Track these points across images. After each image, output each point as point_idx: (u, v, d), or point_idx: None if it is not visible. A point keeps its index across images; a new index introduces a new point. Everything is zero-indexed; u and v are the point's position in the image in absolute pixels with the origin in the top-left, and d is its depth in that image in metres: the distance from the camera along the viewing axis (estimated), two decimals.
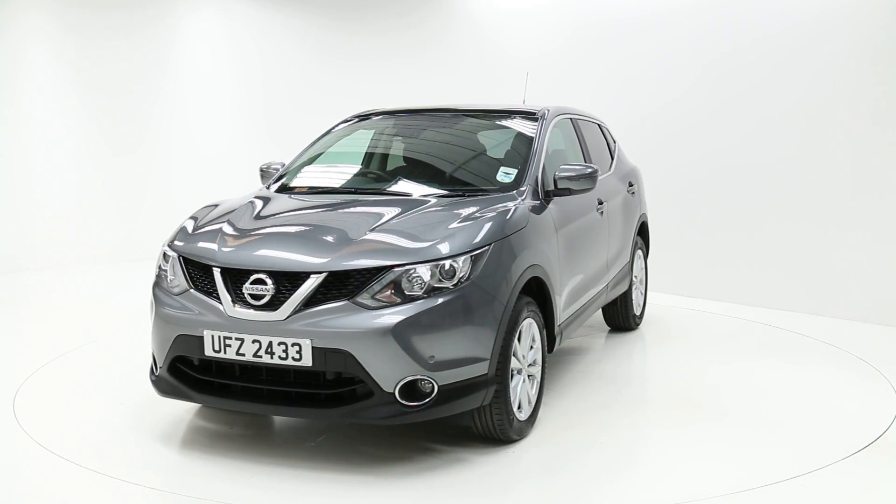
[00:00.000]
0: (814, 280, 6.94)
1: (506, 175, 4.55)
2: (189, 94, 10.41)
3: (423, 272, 3.56)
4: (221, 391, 3.76)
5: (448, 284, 3.58)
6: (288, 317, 3.53)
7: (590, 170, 4.54)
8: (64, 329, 6.36)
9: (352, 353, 3.45)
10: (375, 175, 5.03)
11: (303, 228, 4.03)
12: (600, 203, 5.28)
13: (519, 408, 3.98)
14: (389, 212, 4.06)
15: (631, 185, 6.13)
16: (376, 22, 10.14)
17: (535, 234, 4.17)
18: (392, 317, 3.46)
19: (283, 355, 3.53)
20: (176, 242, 4.11)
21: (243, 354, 3.60)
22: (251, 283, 3.62)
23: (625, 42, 8.05)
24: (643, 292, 6.50)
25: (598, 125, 6.13)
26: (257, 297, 3.60)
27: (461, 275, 3.61)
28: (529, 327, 4.05)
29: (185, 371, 3.84)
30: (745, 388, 4.97)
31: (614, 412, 4.54)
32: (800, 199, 7.01)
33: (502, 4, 9.15)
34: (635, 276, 6.19)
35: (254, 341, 3.57)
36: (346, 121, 5.50)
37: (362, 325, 3.45)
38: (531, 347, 4.12)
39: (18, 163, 9.21)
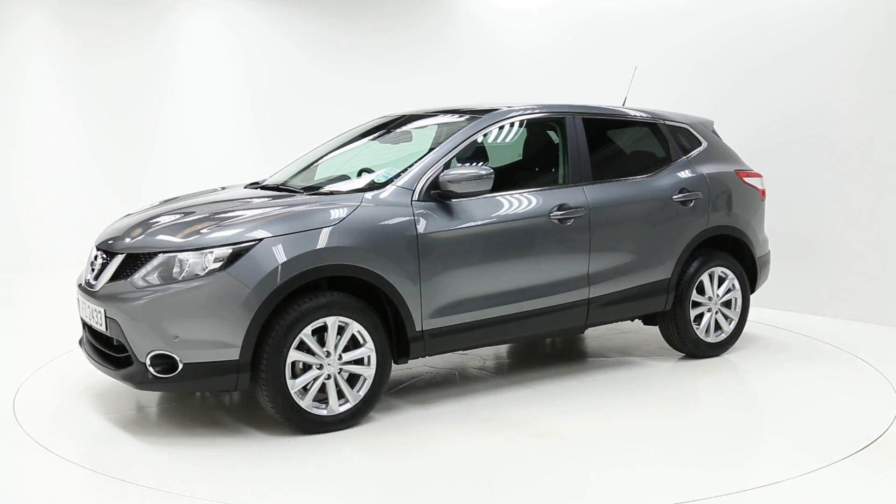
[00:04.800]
0: (814, 280, 6.94)
1: (385, 175, 4.59)
2: (189, 94, 10.40)
3: (184, 259, 3.96)
4: (94, 351, 4.38)
5: (202, 273, 3.91)
6: (100, 288, 4.18)
7: (476, 173, 4.36)
8: (64, 329, 6.35)
9: (119, 324, 4.01)
10: (306, 175, 5.21)
11: (156, 217, 4.45)
12: (562, 209, 4.78)
13: (323, 402, 4.11)
14: (233, 206, 4.42)
15: (683, 191, 5.37)
16: (377, 21, 10.12)
17: (357, 233, 4.15)
18: (142, 297, 3.94)
19: (97, 320, 4.19)
20: None
21: (88, 317, 4.31)
22: (94, 259, 4.38)
23: (625, 42, 8.04)
24: (728, 316, 5.63)
25: (660, 125, 5.55)
26: (94, 271, 4.32)
27: (215, 265, 3.91)
28: (346, 327, 4.11)
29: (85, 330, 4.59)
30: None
31: (457, 426, 4.25)
32: (799, 199, 7.01)
33: (502, 4, 9.14)
34: (708, 298, 5.52)
35: (88, 307, 4.28)
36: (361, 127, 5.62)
37: (125, 300, 4.01)
38: (360, 346, 4.17)
39: (17, 162, 9.21)
